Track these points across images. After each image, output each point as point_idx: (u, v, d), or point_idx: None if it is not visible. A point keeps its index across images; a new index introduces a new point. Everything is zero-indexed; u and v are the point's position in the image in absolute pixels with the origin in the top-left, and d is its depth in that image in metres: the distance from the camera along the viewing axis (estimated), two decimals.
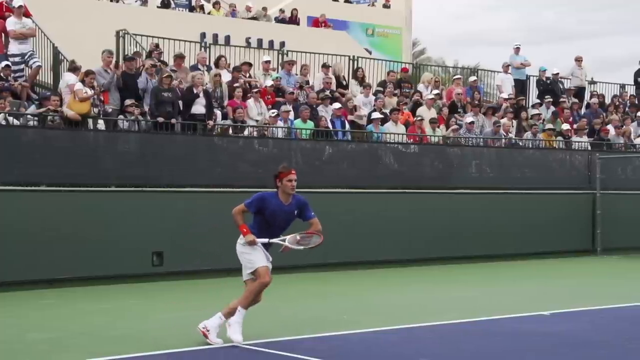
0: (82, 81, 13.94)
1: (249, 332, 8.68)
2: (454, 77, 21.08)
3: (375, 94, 18.42)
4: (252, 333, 8.59)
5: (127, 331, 8.99)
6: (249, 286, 8.16)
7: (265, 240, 8.16)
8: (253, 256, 8.13)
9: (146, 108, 14.80)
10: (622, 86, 24.45)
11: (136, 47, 18.07)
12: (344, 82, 19.14)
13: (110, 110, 14.49)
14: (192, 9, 24.03)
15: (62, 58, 16.15)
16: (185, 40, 18.81)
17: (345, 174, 15.70)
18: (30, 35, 15.54)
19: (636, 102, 23.37)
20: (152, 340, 8.36)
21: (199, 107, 14.91)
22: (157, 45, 17.66)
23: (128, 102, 14.40)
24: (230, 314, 8.12)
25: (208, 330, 8.08)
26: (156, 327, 9.20)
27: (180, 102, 14.87)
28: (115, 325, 9.38)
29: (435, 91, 19.31)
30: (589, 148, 19.76)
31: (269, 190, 8.43)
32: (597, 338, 8.55)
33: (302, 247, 8.28)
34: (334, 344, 8.18)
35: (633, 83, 24.40)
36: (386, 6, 30.29)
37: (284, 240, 8.21)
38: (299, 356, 7.49)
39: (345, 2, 29.28)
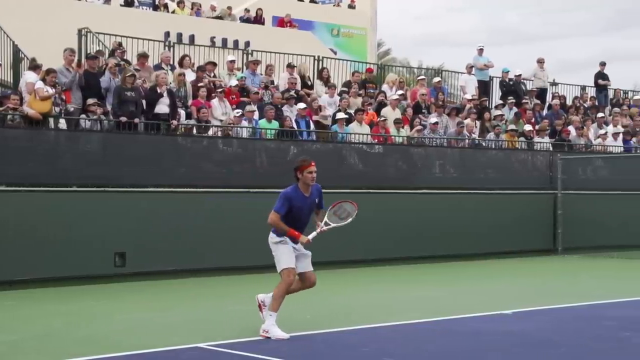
0: (43, 80, 13.76)
1: (211, 333, 8.66)
2: (418, 78, 21.18)
3: (340, 94, 18.46)
4: (215, 334, 8.57)
5: (88, 333, 8.90)
6: (275, 290, 8.42)
7: (314, 234, 8.50)
8: (280, 256, 8.45)
9: (109, 107, 14.68)
10: (583, 88, 24.75)
11: (99, 45, 17.92)
12: (309, 82, 19.14)
13: (72, 109, 14.33)
14: (155, 7, 23.88)
15: (23, 56, 15.97)
16: (148, 40, 18.69)
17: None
18: None
19: (596, 103, 23.68)
20: (115, 342, 8.30)
21: (162, 107, 14.82)
22: (120, 44, 17.53)
23: (90, 101, 14.25)
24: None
25: (267, 331, 8.29)
26: (118, 329, 9.12)
27: (144, 102, 14.77)
28: (76, 327, 9.29)
29: (400, 92, 19.39)
30: (551, 149, 19.97)
31: (288, 187, 8.64)
32: (557, 337, 8.64)
33: (341, 223, 8.70)
34: (298, 344, 8.17)
35: (593, 85, 24.72)
36: (351, 7, 30.36)
37: (328, 224, 8.60)
38: (262, 357, 7.48)
39: (310, 2, 29.30)
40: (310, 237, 8.47)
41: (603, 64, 24.65)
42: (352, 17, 30.04)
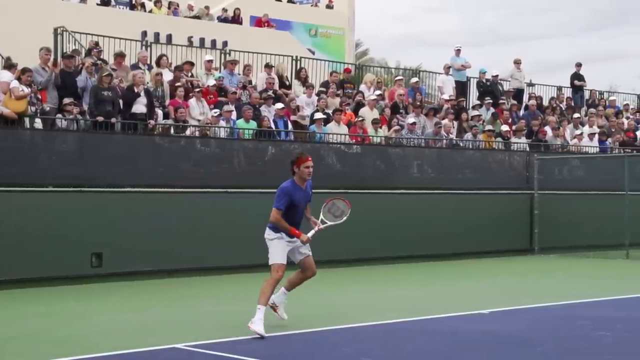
0: (19, 79, 13.66)
1: (189, 334, 8.63)
2: (396, 78, 21.23)
3: (318, 95, 18.45)
4: (192, 335, 8.54)
5: (65, 334, 8.85)
6: (263, 284, 8.58)
7: (313, 232, 8.77)
8: (273, 251, 8.66)
9: (85, 107, 14.59)
10: (559, 88, 24.93)
11: (75, 44, 17.81)
12: (287, 82, 19.13)
13: (48, 109, 14.22)
14: (132, 6, 23.77)
15: None
16: (125, 39, 18.61)
17: (287, 174, 15.57)
18: None
19: (572, 104, 23.86)
20: (92, 343, 8.25)
21: (139, 107, 14.75)
22: (96, 44, 17.44)
23: (66, 100, 14.16)
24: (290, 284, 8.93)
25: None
26: (96, 329, 9.07)
27: (121, 101, 14.70)
28: (53, 328, 9.23)
29: (378, 92, 19.43)
30: (527, 149, 20.08)
31: (285, 182, 8.83)
32: (534, 336, 8.69)
33: (337, 221, 9.04)
34: (276, 345, 8.16)
35: (569, 85, 24.91)
36: (329, 7, 30.37)
37: (324, 223, 8.92)
38: (239, 357, 7.46)
39: (288, 2, 29.28)
40: (309, 234, 8.72)
41: (579, 65, 24.84)
42: (330, 17, 30.05)
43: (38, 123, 13.87)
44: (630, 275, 15.64)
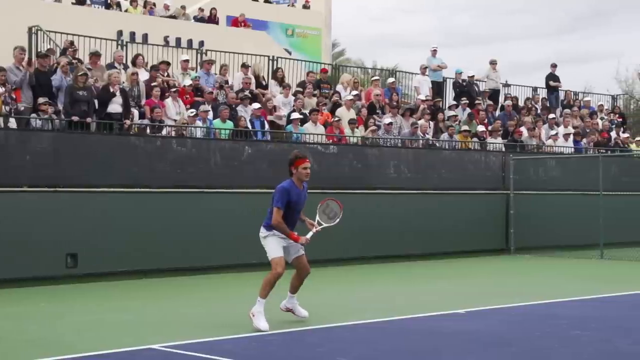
0: None
1: (165, 334, 8.60)
2: (373, 79, 21.28)
3: (294, 95, 18.45)
4: (169, 335, 8.50)
5: (38, 335, 8.77)
6: (264, 279, 8.79)
7: (310, 234, 8.95)
8: (269, 248, 8.87)
9: (60, 107, 14.49)
10: (535, 89, 25.10)
11: (50, 44, 17.68)
12: (264, 82, 19.11)
13: (22, 108, 14.11)
14: (108, 6, 23.64)
15: None
16: (101, 38, 18.51)
17: (264, 174, 15.66)
18: None
19: (547, 104, 24.02)
20: (67, 344, 8.19)
21: (115, 106, 14.68)
22: (71, 43, 17.32)
23: (41, 100, 14.06)
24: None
25: (254, 316, 8.69)
26: (70, 331, 9.00)
27: (96, 101, 14.62)
28: (26, 329, 9.15)
29: (354, 92, 19.45)
30: (503, 149, 20.20)
31: (283, 182, 8.86)
32: (509, 336, 8.73)
33: (330, 223, 9.24)
34: (253, 345, 8.15)
35: (544, 86, 25.08)
36: (306, 7, 30.37)
37: (320, 224, 9.12)
38: (215, 357, 7.44)
39: (264, 2, 29.23)
40: (308, 236, 8.91)
41: (554, 66, 25.02)
42: (306, 17, 30.05)
43: (12, 123, 13.75)
44: (605, 274, 15.78)
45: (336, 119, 17.74)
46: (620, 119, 25.73)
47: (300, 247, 8.99)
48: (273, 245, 8.81)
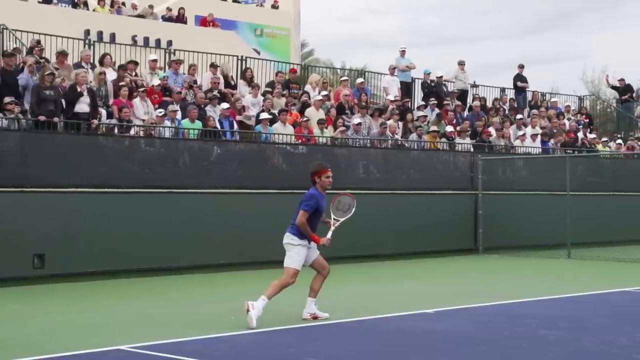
0: None
1: (133, 335, 8.54)
2: (342, 79, 21.30)
3: (263, 95, 18.41)
4: (137, 336, 8.44)
5: (5, 336, 8.67)
6: (275, 281, 9.09)
7: (330, 233, 9.42)
8: (294, 256, 9.20)
9: (27, 106, 14.33)
10: (503, 90, 25.29)
11: (16, 43, 17.49)
12: (232, 82, 19.05)
13: None
14: (75, 5, 23.47)
15: None
16: (68, 37, 18.34)
17: (233, 174, 15.62)
18: None
19: (515, 105, 24.20)
20: (34, 345, 8.10)
21: (82, 106, 14.55)
22: (38, 42, 17.15)
23: (7, 99, 13.88)
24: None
25: (253, 308, 8.81)
26: (36, 332, 8.91)
27: (63, 101, 14.48)
28: None
29: (323, 92, 19.46)
30: (472, 150, 20.31)
31: (310, 189, 9.42)
32: (478, 335, 8.78)
33: (347, 215, 9.65)
34: (221, 346, 8.12)
35: (512, 87, 25.27)
36: (274, 7, 30.35)
37: (337, 220, 9.58)
38: (184, 358, 7.40)
39: (233, 2, 29.18)
40: (328, 236, 9.36)
41: (522, 67, 25.22)
42: (275, 17, 30.04)
43: None
44: (572, 274, 15.92)
45: (305, 119, 17.73)
46: (587, 120, 26.02)
47: (316, 249, 9.36)
48: (299, 257, 9.19)
